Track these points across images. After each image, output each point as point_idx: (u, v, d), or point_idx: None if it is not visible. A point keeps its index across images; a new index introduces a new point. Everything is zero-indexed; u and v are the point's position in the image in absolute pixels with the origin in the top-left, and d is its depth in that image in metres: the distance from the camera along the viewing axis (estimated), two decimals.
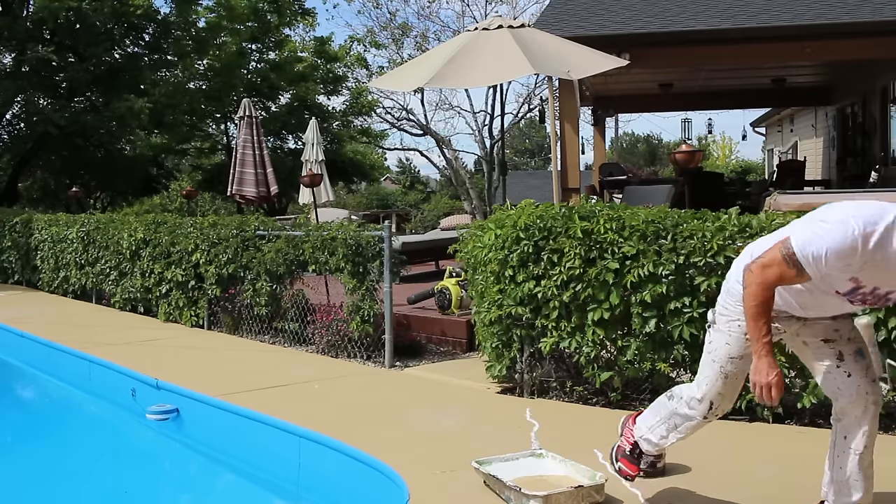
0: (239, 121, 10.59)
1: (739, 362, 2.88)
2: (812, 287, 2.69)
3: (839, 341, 2.85)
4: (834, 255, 2.46)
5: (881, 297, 2.64)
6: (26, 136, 18.22)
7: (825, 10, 9.13)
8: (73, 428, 5.97)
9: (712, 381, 2.94)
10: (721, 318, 2.94)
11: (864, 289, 2.60)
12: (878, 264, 2.48)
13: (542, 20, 10.22)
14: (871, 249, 2.44)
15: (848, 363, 2.82)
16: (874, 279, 2.56)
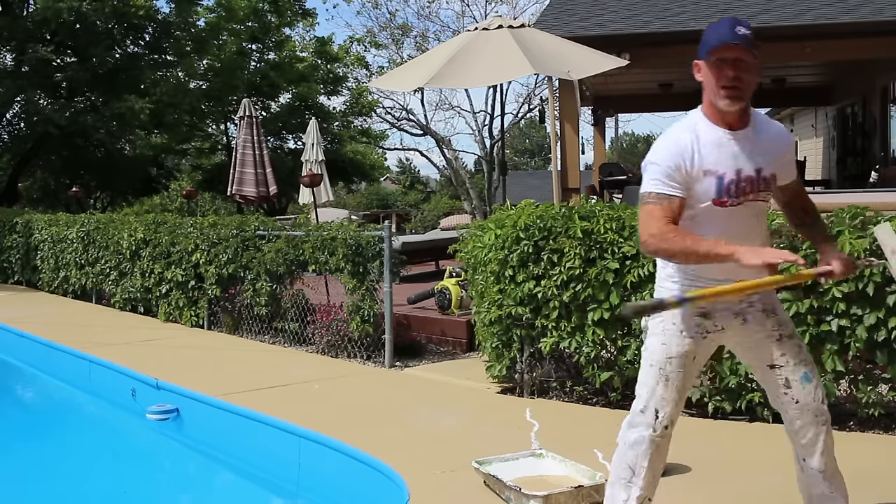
0: (239, 121, 10.59)
1: (678, 361, 2.70)
2: (697, 212, 2.60)
3: (785, 367, 2.70)
4: (666, 154, 2.58)
5: (754, 180, 2.60)
6: (26, 136, 18.22)
7: (825, 10, 9.13)
8: (74, 428, 5.97)
9: (652, 386, 2.72)
10: (653, 321, 2.78)
11: (727, 176, 2.57)
12: (706, 146, 2.58)
13: (542, 20, 10.22)
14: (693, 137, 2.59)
15: (795, 391, 2.70)
16: (723, 162, 2.58)
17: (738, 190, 2.59)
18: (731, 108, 2.57)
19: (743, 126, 2.63)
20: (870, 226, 4.09)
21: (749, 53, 2.54)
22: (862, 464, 3.79)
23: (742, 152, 2.61)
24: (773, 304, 2.75)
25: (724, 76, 2.53)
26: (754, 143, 2.63)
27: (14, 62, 17.53)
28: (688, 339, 2.68)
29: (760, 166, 2.62)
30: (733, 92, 2.53)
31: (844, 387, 4.30)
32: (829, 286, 4.05)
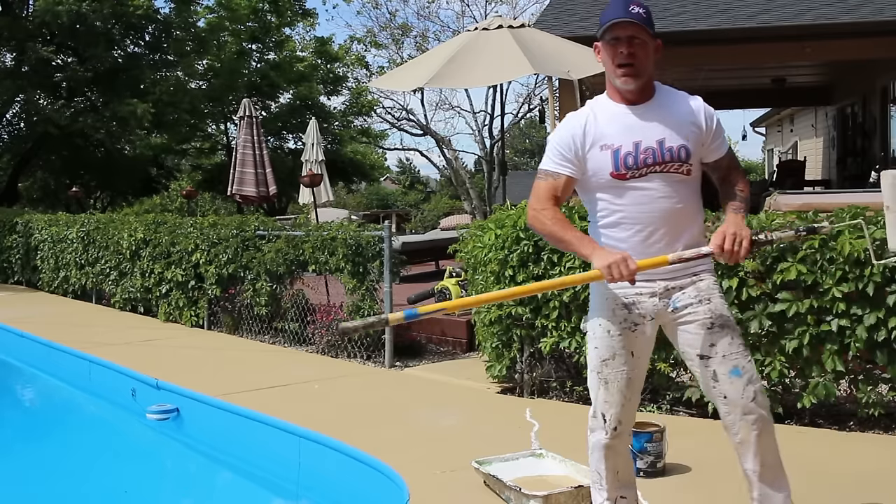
0: (239, 121, 10.59)
1: (613, 363, 2.65)
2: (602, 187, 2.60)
3: (714, 359, 2.59)
4: (561, 132, 2.64)
5: (656, 151, 2.56)
6: (26, 136, 18.22)
7: (825, 10, 9.12)
8: (74, 428, 5.97)
9: (595, 390, 2.70)
10: (587, 325, 2.77)
11: (623, 148, 2.55)
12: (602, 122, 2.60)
13: (542, 20, 10.22)
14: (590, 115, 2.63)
15: (723, 385, 2.59)
16: (619, 135, 2.57)
17: (638, 161, 2.56)
18: (627, 86, 2.57)
19: (645, 100, 2.62)
20: (870, 226, 4.09)
21: (643, 31, 2.54)
22: (862, 464, 3.80)
23: (641, 124, 2.58)
24: (709, 292, 2.64)
25: (619, 54, 2.54)
26: (657, 114, 2.60)
27: (14, 62, 17.53)
28: (616, 337, 2.64)
29: (663, 137, 2.57)
30: (629, 69, 2.54)
31: (844, 387, 4.29)
32: (829, 286, 4.05)
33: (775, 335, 4.23)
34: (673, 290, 2.63)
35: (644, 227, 2.59)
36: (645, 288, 2.62)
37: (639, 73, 2.56)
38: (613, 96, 2.64)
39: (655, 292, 2.63)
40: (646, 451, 3.62)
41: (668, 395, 4.71)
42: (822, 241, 4.10)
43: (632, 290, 2.61)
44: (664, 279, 2.63)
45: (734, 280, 4.28)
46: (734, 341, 2.61)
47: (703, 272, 2.66)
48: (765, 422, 2.61)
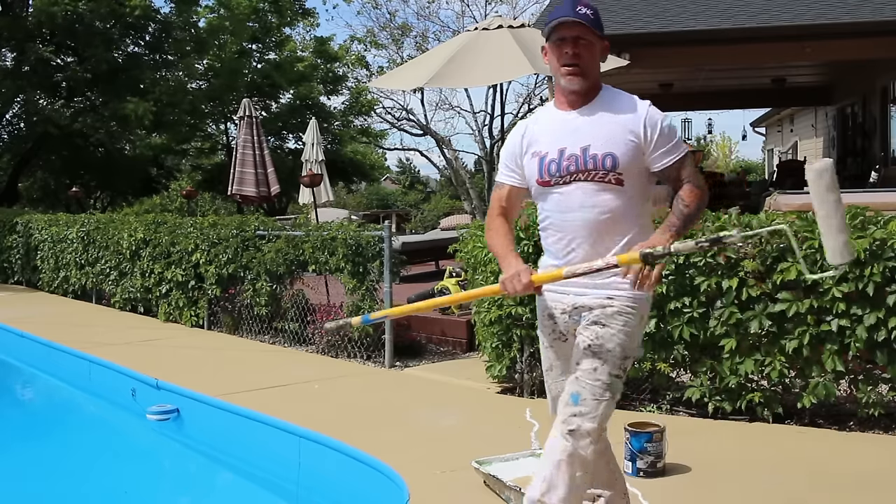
0: (239, 121, 10.59)
1: (552, 374, 2.71)
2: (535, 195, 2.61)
3: (570, 376, 2.57)
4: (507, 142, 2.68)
5: (579, 158, 2.49)
6: (26, 136, 18.22)
7: (825, 10, 9.12)
8: (74, 428, 5.97)
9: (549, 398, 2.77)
10: None
11: (548, 155, 2.53)
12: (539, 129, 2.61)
13: (541, 20, 10.21)
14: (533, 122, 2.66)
15: (561, 400, 2.57)
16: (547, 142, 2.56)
17: (561, 168, 2.51)
18: (572, 86, 2.52)
19: (577, 106, 2.56)
20: (870, 226, 4.09)
21: (590, 31, 2.50)
22: (862, 464, 3.80)
23: (569, 130, 2.53)
24: (609, 319, 2.50)
25: (564, 54, 2.50)
26: (590, 120, 2.53)
27: (14, 62, 17.52)
28: (548, 349, 2.70)
29: (588, 144, 2.50)
30: (574, 69, 2.50)
31: (844, 387, 4.29)
32: (829, 286, 4.05)
33: (775, 335, 4.23)
34: (581, 309, 2.55)
35: (564, 236, 2.56)
36: (558, 303, 2.61)
37: (584, 73, 2.51)
38: (558, 100, 2.61)
39: (566, 309, 2.59)
40: (646, 451, 3.62)
41: (668, 395, 4.71)
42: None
43: (550, 303, 2.63)
44: (575, 295, 2.56)
45: (734, 280, 4.28)
46: (596, 373, 2.48)
47: (618, 296, 2.51)
48: (570, 457, 2.45)
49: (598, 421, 2.47)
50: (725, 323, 4.31)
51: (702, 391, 4.46)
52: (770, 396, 4.33)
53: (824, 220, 2.09)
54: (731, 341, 4.29)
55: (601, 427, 2.49)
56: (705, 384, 4.46)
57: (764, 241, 4.27)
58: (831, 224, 2.07)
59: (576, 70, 2.50)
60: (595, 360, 2.49)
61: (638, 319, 2.54)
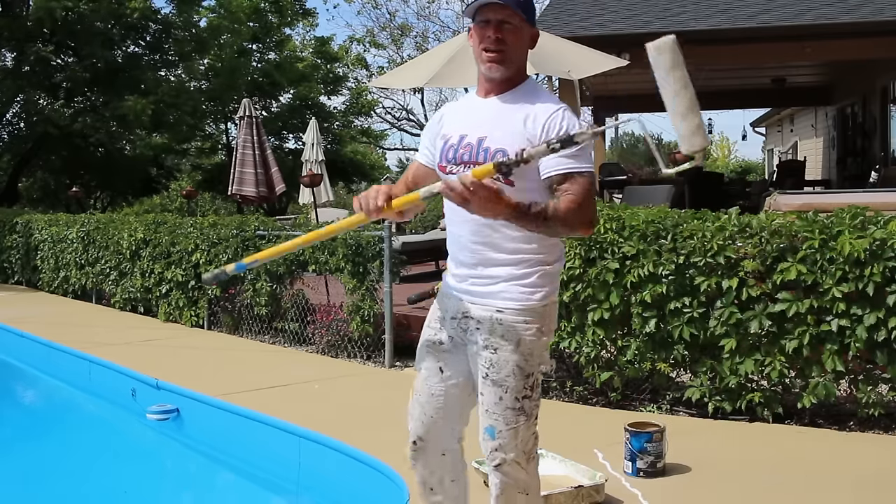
0: (239, 121, 10.59)
1: (420, 375, 2.59)
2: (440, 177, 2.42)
3: (479, 407, 2.43)
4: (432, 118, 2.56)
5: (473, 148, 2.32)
6: (26, 136, 18.22)
7: (825, 10, 9.13)
8: (73, 428, 5.97)
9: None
10: None
11: (450, 140, 2.38)
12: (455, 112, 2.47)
13: (541, 20, 10.21)
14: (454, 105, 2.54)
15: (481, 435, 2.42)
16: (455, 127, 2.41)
17: (456, 156, 2.35)
18: (492, 73, 2.32)
19: (493, 94, 2.37)
20: (870, 226, 4.09)
21: (517, 16, 2.28)
22: (862, 464, 3.80)
23: (474, 118, 2.37)
24: (498, 343, 2.32)
25: (486, 38, 2.29)
26: (496, 111, 2.34)
27: (14, 62, 17.53)
28: (424, 347, 2.53)
29: (485, 135, 2.31)
30: (496, 56, 2.29)
31: (844, 387, 4.29)
32: (829, 286, 4.05)
33: (775, 335, 4.23)
34: (469, 320, 2.37)
35: (456, 226, 2.39)
36: (450, 305, 2.43)
37: (506, 59, 2.30)
38: (478, 84, 2.42)
39: (455, 315, 2.41)
40: (646, 451, 3.62)
41: (668, 395, 4.71)
42: (822, 241, 4.10)
43: (444, 305, 2.45)
44: (466, 301, 2.38)
45: (734, 280, 4.28)
46: (503, 402, 2.32)
47: (508, 309, 2.31)
48: (506, 488, 2.38)
49: (519, 447, 2.35)
50: (725, 323, 4.31)
51: (702, 391, 4.46)
52: (770, 396, 4.33)
53: (670, 101, 1.84)
54: (731, 341, 4.29)
55: (526, 450, 2.37)
56: (705, 384, 4.46)
57: (764, 241, 4.27)
58: (679, 105, 1.83)
59: (497, 57, 2.29)
60: (496, 389, 2.33)
61: (536, 335, 2.32)
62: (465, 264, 2.38)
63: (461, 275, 2.40)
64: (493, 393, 2.33)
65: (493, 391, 2.33)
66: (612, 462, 3.78)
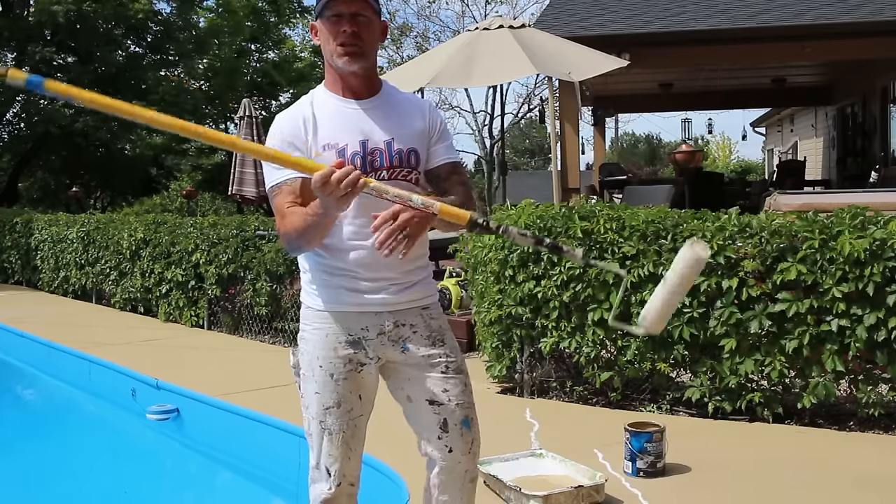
0: (239, 121, 10.59)
1: (338, 411, 2.29)
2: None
3: (446, 405, 2.32)
4: (280, 133, 2.26)
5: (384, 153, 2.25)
6: (26, 136, 18.23)
7: (825, 10, 9.13)
8: (73, 428, 5.97)
9: (317, 440, 2.33)
10: (303, 358, 2.34)
11: (349, 147, 2.23)
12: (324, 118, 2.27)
13: (542, 20, 10.22)
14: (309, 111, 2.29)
15: (452, 436, 2.33)
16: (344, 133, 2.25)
17: (366, 163, 2.23)
18: (350, 66, 2.23)
19: (371, 94, 2.31)
20: (870, 226, 4.10)
21: (369, 7, 2.23)
22: (862, 464, 3.80)
23: (366, 121, 2.27)
24: (441, 331, 2.35)
25: (342, 33, 2.21)
26: (385, 111, 2.30)
27: (14, 62, 17.53)
28: (342, 382, 2.28)
29: (391, 137, 2.27)
30: (352, 49, 2.21)
31: (844, 387, 4.30)
32: (829, 286, 4.05)
33: (775, 335, 4.23)
34: (403, 328, 2.30)
35: (361, 241, 2.24)
36: (372, 323, 2.28)
37: (364, 53, 2.23)
38: (334, 87, 2.30)
39: (384, 330, 2.28)
40: (646, 451, 3.62)
41: (668, 395, 4.71)
42: (822, 241, 4.10)
43: (358, 325, 2.27)
44: (391, 311, 2.28)
45: (734, 280, 4.28)
46: (466, 389, 2.35)
47: (431, 305, 2.36)
48: (475, 482, 2.41)
49: None
50: (725, 323, 4.31)
51: (702, 391, 4.46)
52: (770, 396, 4.33)
53: (669, 291, 1.96)
54: (731, 341, 4.29)
55: None
56: (705, 384, 4.46)
57: (764, 241, 4.27)
58: (671, 296, 1.96)
59: (355, 50, 2.22)
60: (461, 377, 2.34)
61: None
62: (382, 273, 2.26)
63: (377, 286, 2.26)
64: (457, 383, 2.33)
65: (458, 381, 2.33)
66: (612, 462, 3.78)
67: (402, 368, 2.34)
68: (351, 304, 2.28)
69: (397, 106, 2.33)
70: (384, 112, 2.30)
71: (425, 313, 2.34)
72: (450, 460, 2.35)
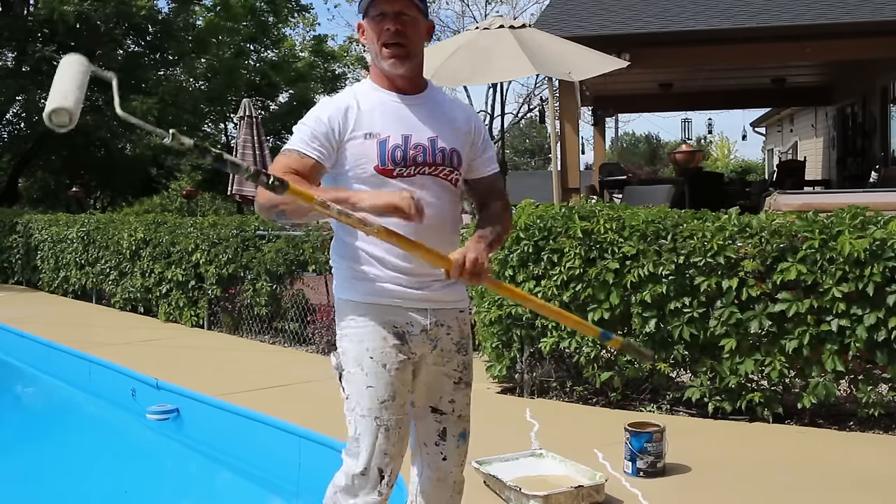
0: (239, 121, 10.60)
1: (394, 404, 2.20)
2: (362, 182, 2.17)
3: (449, 416, 2.32)
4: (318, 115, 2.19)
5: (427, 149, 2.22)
6: (26, 135, 18.23)
7: (825, 10, 9.13)
8: (73, 428, 5.97)
9: (370, 439, 2.19)
10: (347, 356, 2.24)
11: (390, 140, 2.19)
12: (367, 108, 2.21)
13: (542, 20, 10.22)
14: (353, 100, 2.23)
15: (449, 445, 2.32)
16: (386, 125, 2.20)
17: (407, 158, 2.19)
18: (396, 69, 2.20)
19: (417, 91, 2.27)
20: (870, 226, 4.09)
21: (413, 6, 2.18)
22: (862, 464, 3.80)
23: (411, 116, 2.23)
24: (467, 340, 2.35)
25: (386, 32, 2.17)
26: (429, 109, 2.27)
27: (15, 61, 17.54)
28: (394, 372, 2.21)
29: (435, 135, 2.23)
30: (398, 50, 2.18)
31: (844, 387, 4.30)
32: (829, 286, 4.05)
33: (775, 335, 4.23)
34: (440, 327, 2.27)
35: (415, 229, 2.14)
36: (417, 318, 2.24)
37: (409, 54, 2.19)
38: (380, 82, 2.26)
39: (426, 327, 2.25)
40: (646, 451, 3.62)
41: (668, 395, 4.71)
42: (822, 241, 4.10)
43: (403, 320, 2.22)
44: (434, 309, 2.26)
45: (734, 280, 4.28)
46: (469, 402, 2.36)
47: (465, 309, 2.36)
48: (462, 494, 2.41)
49: None
50: (725, 323, 4.31)
51: (702, 391, 4.46)
52: (770, 396, 4.33)
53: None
54: (731, 341, 4.29)
55: None
56: (705, 384, 4.46)
57: (764, 241, 4.27)
58: None
59: (400, 51, 2.18)
60: (467, 390, 2.36)
61: None
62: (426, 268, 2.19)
63: (422, 281, 2.23)
64: (464, 395, 2.35)
65: (465, 393, 2.35)
66: (612, 462, 3.78)
67: (418, 372, 2.29)
68: (395, 296, 2.22)
69: (442, 105, 2.31)
70: (429, 110, 2.26)
71: (461, 317, 2.34)
72: (442, 469, 2.35)
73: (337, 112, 2.19)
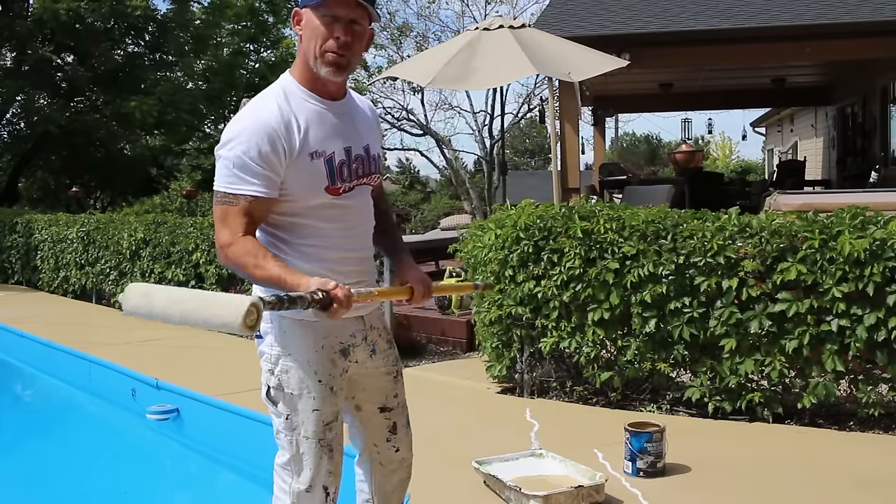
0: None
1: (337, 424, 2.18)
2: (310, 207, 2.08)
3: (395, 410, 2.33)
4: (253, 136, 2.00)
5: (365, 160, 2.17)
6: (26, 135, 18.22)
7: (825, 10, 9.13)
8: (73, 428, 5.97)
9: (314, 461, 2.14)
10: (290, 376, 2.12)
11: (336, 156, 2.10)
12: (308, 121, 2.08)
13: (542, 20, 10.22)
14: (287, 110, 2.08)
15: (400, 437, 2.34)
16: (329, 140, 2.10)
17: (351, 172, 2.13)
18: (333, 77, 2.09)
19: (342, 96, 2.18)
20: (870, 226, 4.09)
21: (367, 16, 2.08)
22: (862, 464, 3.80)
23: (344, 126, 2.14)
24: (389, 334, 2.36)
25: (335, 40, 2.04)
26: (352, 114, 2.20)
27: (14, 62, 17.53)
28: (339, 393, 2.18)
29: (367, 142, 2.18)
30: (341, 60, 2.06)
31: (844, 387, 4.30)
32: (829, 286, 4.05)
33: (775, 335, 4.23)
34: (373, 330, 2.27)
35: (346, 252, 2.16)
36: (357, 329, 2.21)
37: (350, 64, 2.10)
38: (309, 85, 2.11)
39: (365, 335, 2.24)
40: (646, 451, 3.62)
41: (668, 395, 4.71)
42: (822, 241, 4.10)
43: (347, 333, 2.18)
44: (367, 314, 2.26)
45: (734, 280, 4.28)
46: (404, 387, 2.38)
47: (379, 310, 2.38)
48: (410, 474, 2.43)
49: None
50: (725, 323, 4.31)
51: (702, 391, 4.46)
52: (770, 396, 4.33)
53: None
54: (731, 341, 4.29)
55: None
56: (705, 384, 4.46)
57: (764, 241, 4.27)
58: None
59: (343, 61, 2.07)
60: (401, 378, 2.39)
61: None
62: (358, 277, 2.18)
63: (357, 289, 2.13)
64: (403, 385, 2.38)
65: (402, 383, 2.39)
66: (612, 462, 3.79)
67: (359, 378, 2.27)
68: None
69: (357, 107, 2.25)
70: (353, 115, 2.20)
71: (378, 313, 2.35)
72: (395, 461, 2.37)
73: (277, 136, 2.01)
